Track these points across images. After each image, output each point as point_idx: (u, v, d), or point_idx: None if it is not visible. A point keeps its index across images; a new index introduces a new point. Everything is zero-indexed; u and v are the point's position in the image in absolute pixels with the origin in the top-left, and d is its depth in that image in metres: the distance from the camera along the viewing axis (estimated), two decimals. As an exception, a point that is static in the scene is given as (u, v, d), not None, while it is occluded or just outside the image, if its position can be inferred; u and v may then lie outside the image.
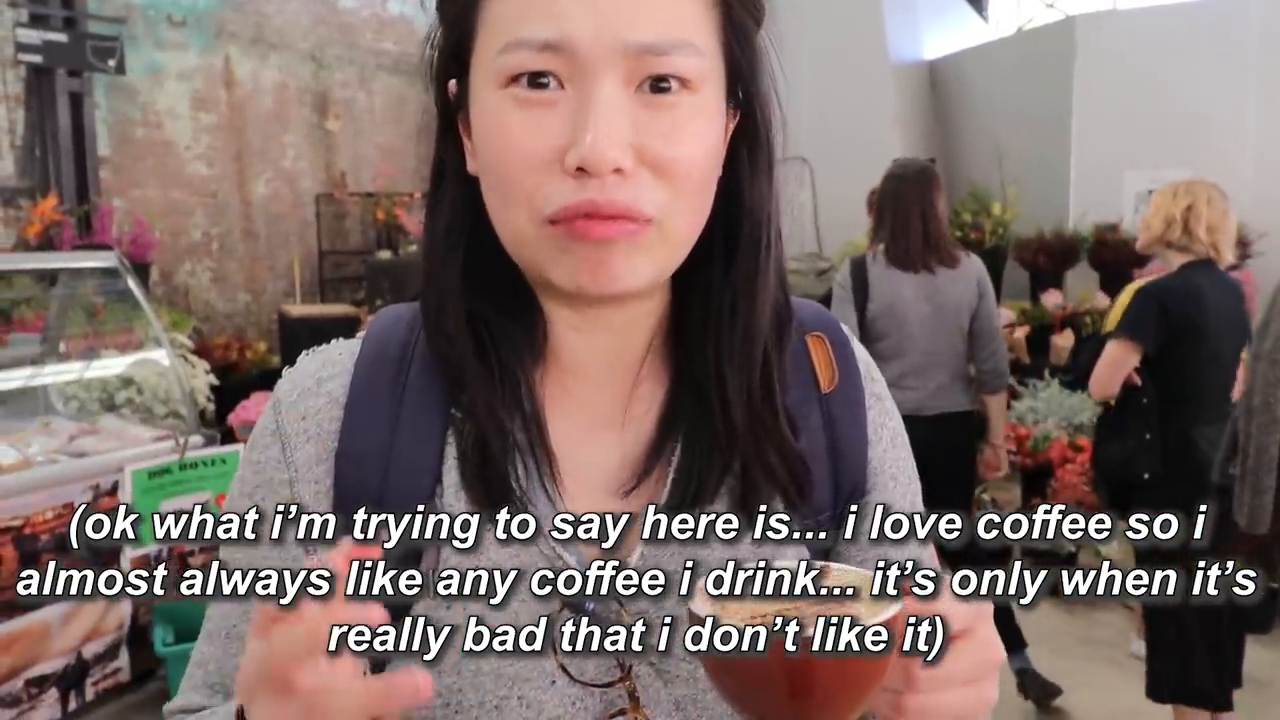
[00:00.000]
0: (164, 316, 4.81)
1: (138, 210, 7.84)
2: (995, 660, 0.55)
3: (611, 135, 0.59)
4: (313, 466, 0.69)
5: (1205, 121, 6.92)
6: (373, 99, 10.03)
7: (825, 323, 0.78)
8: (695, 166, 0.63)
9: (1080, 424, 5.09)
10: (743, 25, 0.66)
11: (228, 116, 8.99)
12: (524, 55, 0.60)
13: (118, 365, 3.93)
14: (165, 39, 8.46)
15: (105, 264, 3.89)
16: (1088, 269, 6.97)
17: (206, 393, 4.26)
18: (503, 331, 0.69)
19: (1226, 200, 2.95)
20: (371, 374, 0.70)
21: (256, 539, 0.69)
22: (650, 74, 0.60)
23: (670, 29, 0.60)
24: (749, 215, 0.69)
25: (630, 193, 0.60)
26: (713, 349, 0.69)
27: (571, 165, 0.59)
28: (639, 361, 0.72)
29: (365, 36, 9.95)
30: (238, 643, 0.68)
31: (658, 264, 0.64)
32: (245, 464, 0.72)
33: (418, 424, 0.68)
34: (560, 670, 0.65)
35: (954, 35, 9.48)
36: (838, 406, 0.74)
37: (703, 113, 0.63)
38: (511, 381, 0.68)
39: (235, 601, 0.69)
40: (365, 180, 9.79)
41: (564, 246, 0.62)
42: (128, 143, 8.26)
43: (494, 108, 0.62)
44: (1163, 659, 2.96)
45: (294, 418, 0.70)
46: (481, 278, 0.69)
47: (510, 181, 0.62)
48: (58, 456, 3.28)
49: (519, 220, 0.63)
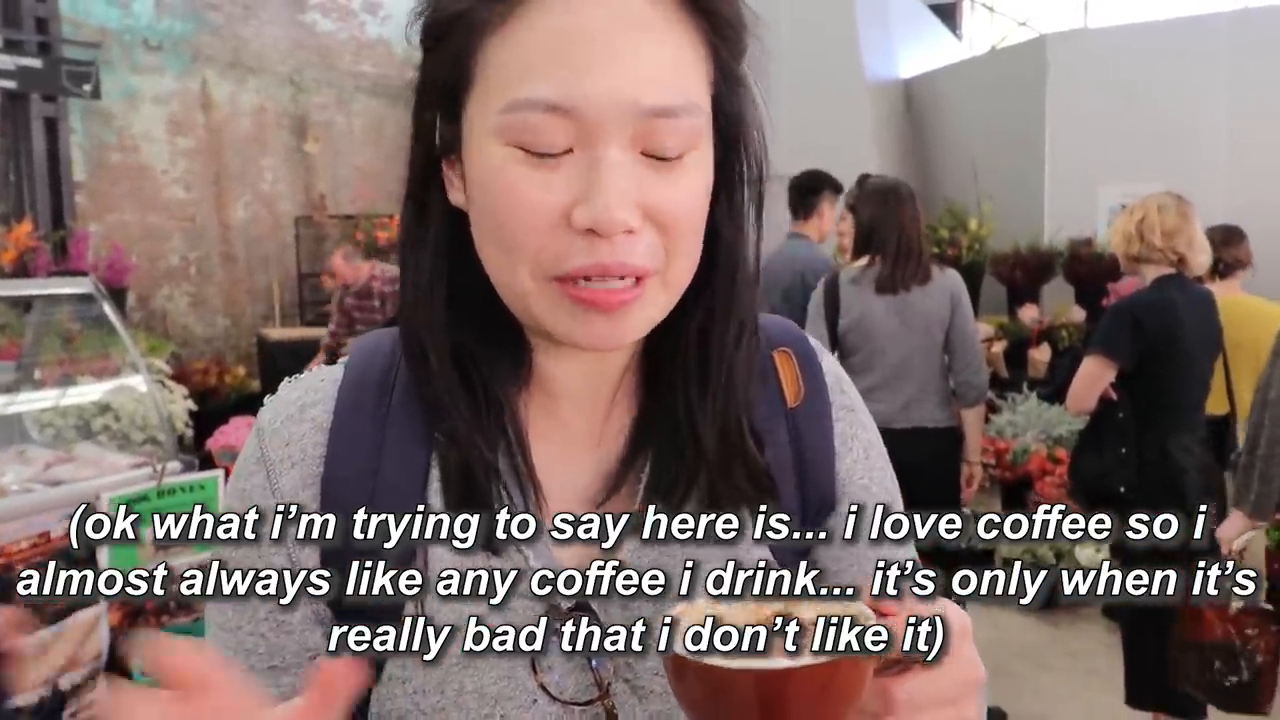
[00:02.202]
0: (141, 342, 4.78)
1: (114, 235, 7.80)
2: (976, 679, 0.54)
3: (622, 197, 0.59)
4: (298, 492, 0.69)
5: (1177, 136, 7.02)
6: (351, 121, 10.03)
7: (792, 338, 0.79)
8: (695, 217, 0.64)
9: (1059, 436, 5.13)
10: (730, 70, 0.66)
11: (205, 140, 8.97)
12: (531, 117, 0.59)
13: (94, 392, 3.89)
14: (141, 63, 8.44)
15: (81, 290, 3.85)
16: (1063, 283, 7.05)
17: (185, 418, 4.23)
18: (487, 359, 0.69)
19: (1185, 205, 2.98)
20: (355, 400, 0.71)
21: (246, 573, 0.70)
22: (656, 138, 0.60)
23: (676, 90, 0.60)
24: (726, 246, 0.69)
25: (639, 250, 0.61)
26: (681, 373, 0.70)
27: (582, 225, 0.59)
28: (616, 384, 0.73)
29: (344, 59, 9.97)
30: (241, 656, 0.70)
31: (657, 311, 0.65)
32: (231, 494, 0.72)
33: (402, 449, 0.69)
34: (540, 690, 0.66)
35: (928, 54, 9.59)
36: (804, 421, 0.75)
37: (699, 165, 0.64)
38: (496, 409, 0.68)
39: (230, 633, 0.70)
40: (344, 202, 9.78)
41: (571, 311, 0.62)
42: (104, 167, 8.22)
43: (497, 162, 0.61)
44: (1142, 667, 2.97)
45: (278, 444, 0.70)
46: (465, 308, 0.69)
47: (514, 237, 0.62)
48: (33, 485, 3.24)
49: (520, 273, 0.63)
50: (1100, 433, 3.03)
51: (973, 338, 3.39)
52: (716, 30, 0.64)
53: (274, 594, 0.68)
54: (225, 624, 0.70)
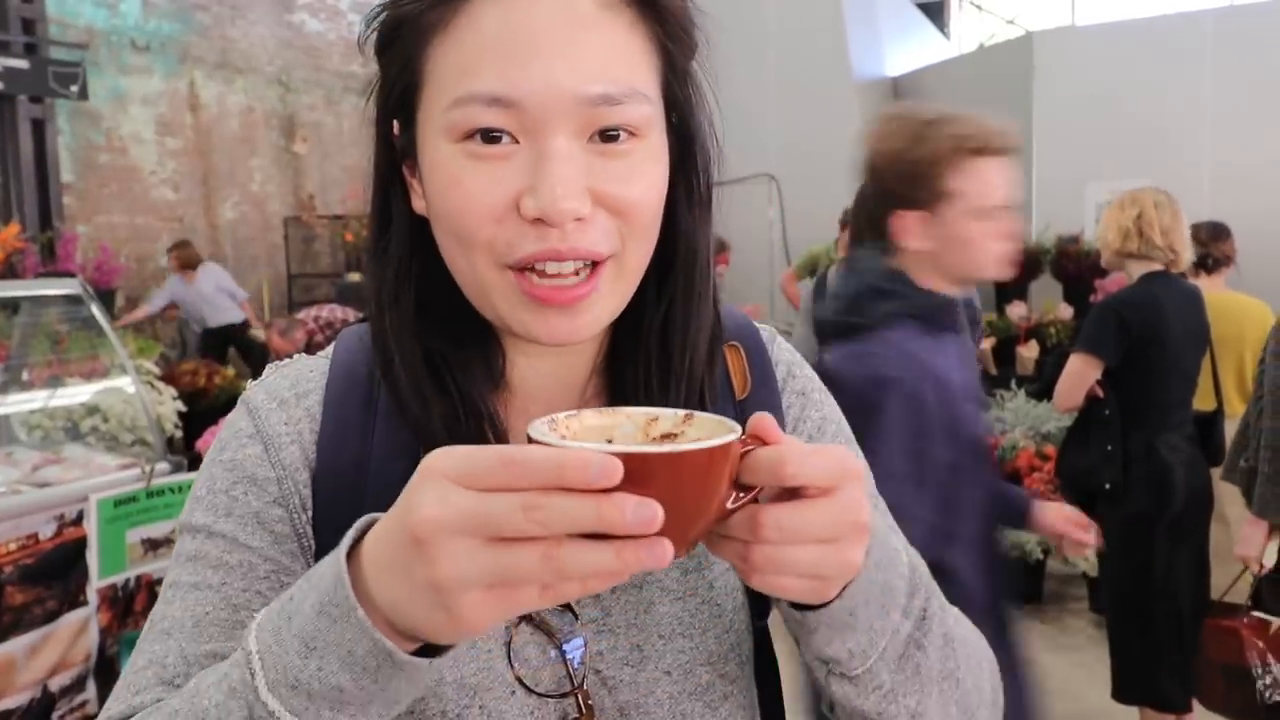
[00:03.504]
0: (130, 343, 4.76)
1: (102, 236, 7.78)
2: (856, 522, 0.52)
3: (569, 186, 0.60)
4: (299, 469, 0.69)
5: (1162, 134, 7.06)
6: (340, 121, 10.02)
7: (743, 332, 0.80)
8: (649, 206, 0.65)
9: (1047, 433, 5.15)
10: (680, 65, 0.67)
11: (193, 141, 8.95)
12: (474, 111, 0.61)
13: (83, 393, 3.88)
14: (129, 64, 8.41)
15: (68, 291, 3.85)
16: (1051, 280, 7.07)
17: (174, 419, 4.22)
18: (460, 363, 0.69)
19: (1175, 203, 3.00)
20: (343, 394, 0.71)
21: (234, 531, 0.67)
22: (601, 126, 0.62)
23: (619, 79, 0.62)
24: (685, 241, 0.71)
25: (591, 236, 0.62)
26: (644, 368, 0.71)
27: (530, 214, 0.61)
28: (585, 383, 0.74)
29: (332, 59, 9.95)
30: (212, 629, 0.64)
31: (616, 300, 0.67)
32: (214, 464, 0.70)
33: (392, 441, 0.69)
34: (517, 682, 0.67)
35: (916, 52, 9.62)
36: (752, 411, 0.76)
37: (652, 156, 0.65)
38: (474, 412, 0.69)
39: (211, 590, 0.66)
40: (334, 203, 9.77)
41: (528, 308, 0.64)
42: (91, 169, 8.19)
43: (446, 161, 0.63)
44: (1129, 661, 2.99)
45: (276, 421, 0.70)
46: (435, 313, 0.70)
47: (467, 229, 0.63)
48: (21, 487, 3.23)
49: (478, 264, 0.64)
50: (1087, 430, 3.04)
51: None
52: (663, 25, 0.65)
53: (279, 558, 0.67)
54: (202, 583, 0.66)
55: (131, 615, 3.32)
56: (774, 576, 0.52)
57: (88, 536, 3.17)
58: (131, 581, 3.31)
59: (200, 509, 0.68)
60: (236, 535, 0.67)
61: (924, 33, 10.53)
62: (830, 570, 0.53)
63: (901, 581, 0.61)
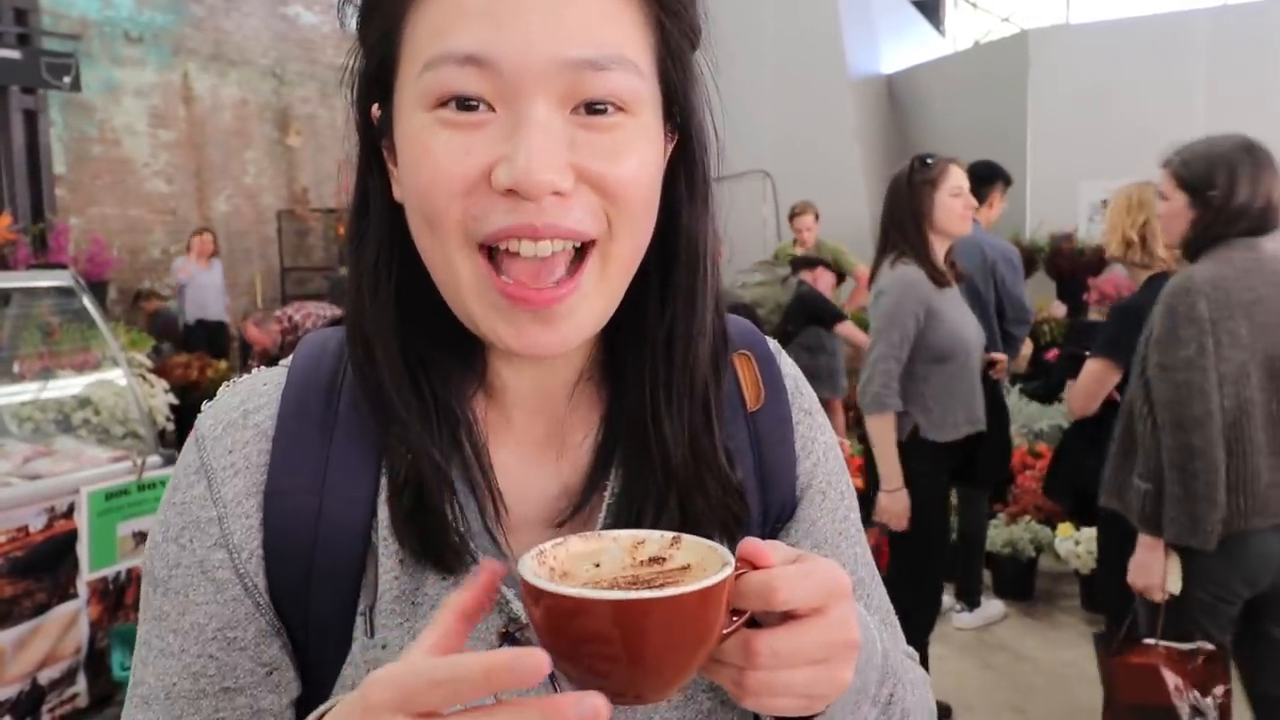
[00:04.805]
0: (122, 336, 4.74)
1: (95, 228, 7.75)
2: (847, 641, 0.53)
3: (546, 156, 0.55)
4: (242, 501, 0.65)
5: (1156, 132, 7.03)
6: (334, 115, 9.99)
7: (752, 340, 0.76)
8: (639, 188, 0.59)
9: (1040, 431, 5.16)
10: (678, 47, 0.63)
11: (187, 133, 8.92)
12: (448, 71, 0.56)
13: (74, 385, 3.87)
14: (122, 55, 8.38)
15: (60, 283, 3.83)
16: (1045, 278, 7.09)
17: (166, 412, 4.20)
18: (437, 366, 0.65)
19: None
20: (300, 404, 0.66)
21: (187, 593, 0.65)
22: (586, 96, 0.57)
23: (607, 45, 0.57)
24: (687, 239, 0.66)
25: (574, 214, 0.57)
26: (649, 377, 0.66)
27: (501, 185, 0.56)
28: (570, 391, 0.69)
29: (326, 52, 9.92)
30: (181, 702, 0.64)
31: (603, 303, 0.61)
32: (167, 506, 0.67)
33: (350, 454, 0.65)
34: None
35: (911, 49, 9.63)
36: (764, 424, 0.73)
37: (644, 136, 0.60)
38: (449, 419, 0.65)
39: (173, 658, 0.65)
40: (327, 196, 9.75)
41: (503, 312, 0.59)
42: (84, 160, 8.16)
43: (418, 130, 0.58)
44: None
45: (220, 452, 0.66)
46: (413, 310, 0.65)
47: (437, 207, 0.58)
48: (11, 479, 3.22)
49: (450, 249, 0.59)
50: (1100, 433, 2.99)
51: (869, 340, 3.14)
52: (660, 1, 0.61)
53: (222, 612, 0.64)
54: (166, 649, 0.64)
55: (122, 608, 3.31)
56: (768, 699, 0.52)
57: (78, 529, 3.16)
58: (122, 574, 3.30)
59: (157, 557, 0.66)
60: (186, 592, 0.64)
61: (919, 30, 10.54)
62: (823, 689, 0.53)
63: (875, 673, 0.61)
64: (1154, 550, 2.28)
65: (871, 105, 8.87)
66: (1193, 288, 2.20)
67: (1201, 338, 2.18)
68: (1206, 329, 2.18)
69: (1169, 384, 2.22)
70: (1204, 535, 2.20)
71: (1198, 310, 2.18)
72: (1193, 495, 2.19)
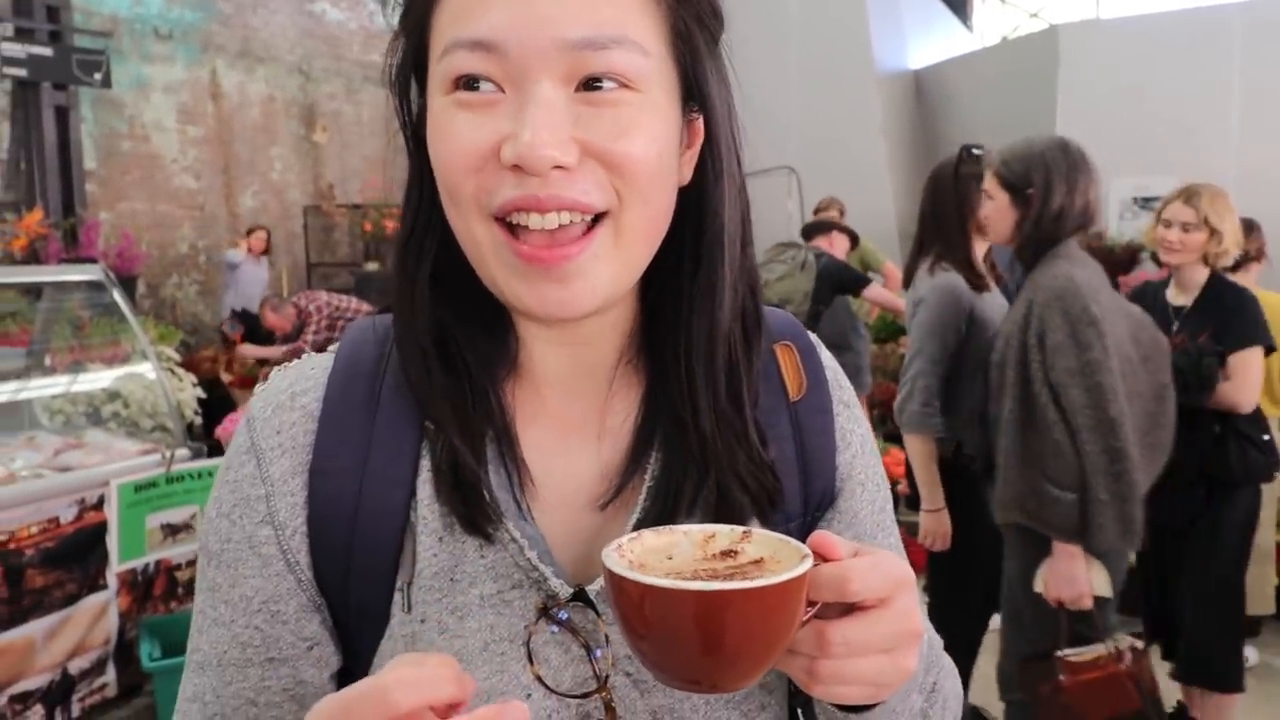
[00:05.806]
0: (151, 330, 4.79)
1: (124, 223, 7.83)
2: (912, 631, 0.55)
3: (549, 132, 0.58)
4: (288, 480, 0.68)
5: (1188, 129, 6.98)
6: (360, 111, 10.04)
7: (793, 331, 0.78)
8: (646, 163, 0.61)
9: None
10: (686, 29, 0.64)
11: (215, 129, 8.99)
12: (459, 57, 0.60)
13: (104, 379, 3.91)
14: (151, 52, 8.45)
15: (91, 277, 3.87)
16: (1074, 276, 7.01)
17: (194, 405, 4.24)
18: (471, 343, 0.68)
19: None
20: (345, 387, 0.70)
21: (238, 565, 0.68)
22: (588, 72, 0.59)
23: (606, 25, 0.59)
24: (712, 221, 0.67)
25: (580, 186, 0.60)
26: (682, 356, 0.68)
27: (507, 160, 0.59)
28: (611, 371, 0.71)
29: (352, 49, 9.97)
30: (231, 669, 0.67)
31: (615, 270, 0.63)
32: (221, 484, 0.70)
33: (392, 436, 0.68)
34: (537, 682, 0.65)
35: (939, 45, 9.55)
36: (806, 414, 0.74)
37: (650, 111, 0.62)
38: (482, 394, 0.67)
39: (224, 628, 0.68)
40: (353, 192, 9.79)
41: (519, 272, 0.62)
42: (114, 156, 8.24)
43: (438, 112, 0.62)
44: (1193, 644, 2.96)
45: (268, 432, 0.69)
46: (450, 289, 0.68)
47: (454, 182, 0.62)
48: (43, 471, 3.25)
49: (470, 220, 0.62)
50: (1195, 420, 2.91)
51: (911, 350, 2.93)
52: None
53: (267, 586, 0.67)
54: (218, 619, 0.68)
55: (151, 599, 3.34)
56: (838, 687, 0.55)
57: (108, 521, 3.19)
58: (151, 566, 3.33)
59: (211, 532, 0.70)
60: (235, 566, 0.68)
61: (947, 25, 10.45)
62: (890, 678, 0.55)
63: (921, 662, 0.64)
64: (1074, 559, 2.23)
65: (899, 101, 8.80)
66: (1079, 290, 2.19)
67: (1101, 339, 2.16)
68: (1103, 330, 2.16)
69: (1080, 389, 2.18)
70: (1133, 535, 2.18)
71: (1091, 312, 2.17)
72: (1120, 496, 2.16)
